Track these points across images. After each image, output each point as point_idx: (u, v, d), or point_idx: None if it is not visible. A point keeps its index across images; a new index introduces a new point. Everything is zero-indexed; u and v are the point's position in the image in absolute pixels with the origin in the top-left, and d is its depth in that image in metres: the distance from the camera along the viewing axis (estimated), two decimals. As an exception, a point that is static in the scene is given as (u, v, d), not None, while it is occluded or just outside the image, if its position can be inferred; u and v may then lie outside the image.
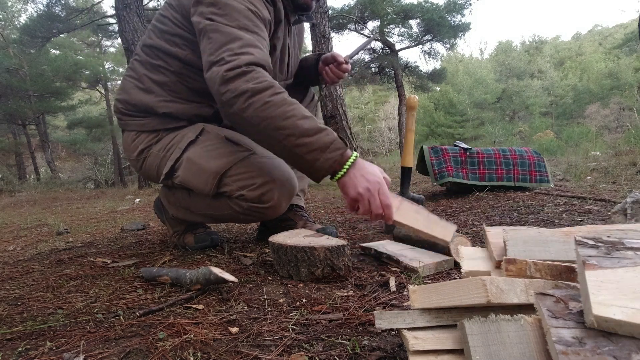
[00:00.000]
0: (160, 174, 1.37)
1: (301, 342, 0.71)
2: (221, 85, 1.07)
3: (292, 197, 1.33)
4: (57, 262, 1.46)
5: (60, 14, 12.71)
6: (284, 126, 1.04)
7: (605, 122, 26.48)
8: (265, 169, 1.27)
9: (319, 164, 1.04)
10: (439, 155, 2.57)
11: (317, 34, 7.85)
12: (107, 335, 0.78)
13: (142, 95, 1.36)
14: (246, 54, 1.09)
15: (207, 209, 1.38)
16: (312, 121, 1.06)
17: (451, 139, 24.14)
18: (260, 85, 1.05)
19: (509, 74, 35.19)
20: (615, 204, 1.74)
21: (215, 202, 1.33)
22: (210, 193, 1.28)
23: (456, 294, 0.50)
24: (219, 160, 1.27)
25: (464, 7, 14.65)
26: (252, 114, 1.05)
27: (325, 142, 1.04)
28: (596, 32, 49.50)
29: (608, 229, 0.57)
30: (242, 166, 1.26)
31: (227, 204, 1.31)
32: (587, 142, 9.24)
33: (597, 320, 0.36)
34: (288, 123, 1.04)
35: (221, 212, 1.35)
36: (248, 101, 1.05)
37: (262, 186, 1.25)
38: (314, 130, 1.04)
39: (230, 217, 1.36)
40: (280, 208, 1.31)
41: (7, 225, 3.32)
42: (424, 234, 1.03)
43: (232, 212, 1.31)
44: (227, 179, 1.27)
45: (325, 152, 1.04)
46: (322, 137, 1.04)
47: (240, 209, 1.29)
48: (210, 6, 1.16)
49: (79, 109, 19.30)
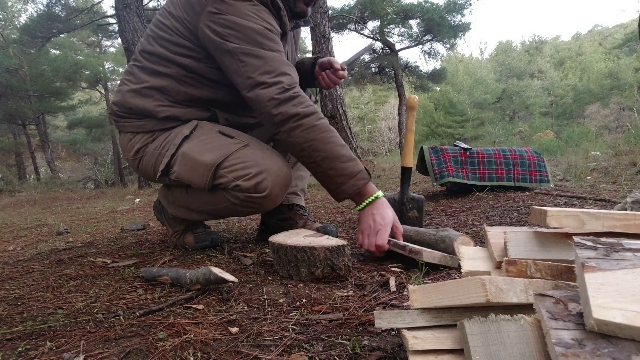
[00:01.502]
0: (157, 172, 1.38)
1: (301, 342, 0.71)
2: (273, 108, 1.21)
3: (286, 186, 1.33)
4: (57, 262, 1.46)
5: (60, 14, 12.71)
6: (324, 149, 1.21)
7: (605, 122, 26.48)
8: (259, 158, 1.27)
9: (345, 188, 1.22)
10: (439, 155, 2.57)
11: (317, 34, 7.84)
12: (107, 335, 0.78)
13: (140, 100, 1.37)
14: (285, 74, 1.23)
15: (205, 204, 1.38)
16: (347, 150, 1.23)
17: (451, 139, 24.13)
18: (308, 110, 1.22)
19: (509, 74, 35.18)
20: (615, 204, 1.74)
21: (213, 196, 1.33)
22: (206, 186, 1.28)
23: (456, 294, 0.50)
24: (213, 153, 1.27)
25: (464, 7, 14.66)
26: (299, 134, 1.21)
27: (354, 171, 1.21)
28: (596, 32, 49.50)
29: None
30: (237, 157, 1.27)
31: (224, 196, 1.30)
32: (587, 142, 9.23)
33: (597, 323, 0.36)
34: (328, 147, 1.21)
35: (219, 205, 1.34)
36: (297, 123, 1.21)
37: (257, 175, 1.25)
38: (347, 158, 1.22)
39: (228, 210, 1.35)
40: (275, 198, 1.30)
41: (7, 225, 3.32)
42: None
43: (229, 204, 1.31)
44: (222, 170, 1.27)
45: (352, 179, 1.21)
46: (352, 166, 1.22)
47: (237, 200, 1.28)
48: (227, 28, 1.22)
49: (79, 109, 19.30)
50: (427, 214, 2.02)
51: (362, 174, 1.22)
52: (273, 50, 1.24)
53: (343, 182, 1.21)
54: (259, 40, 1.23)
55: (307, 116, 1.21)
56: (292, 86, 1.23)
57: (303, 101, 1.22)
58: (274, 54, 1.24)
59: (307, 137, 1.20)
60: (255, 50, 1.22)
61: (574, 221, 0.54)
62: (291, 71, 1.26)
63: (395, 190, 3.40)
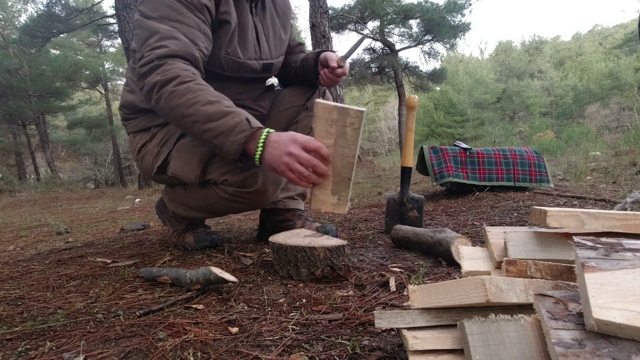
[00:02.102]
0: (154, 169, 1.39)
1: (301, 342, 0.71)
2: (139, 81, 1.14)
3: (278, 183, 1.30)
4: (57, 262, 1.46)
5: (60, 14, 12.71)
6: (189, 113, 1.08)
7: (605, 122, 26.48)
8: None
9: (227, 147, 1.07)
10: (439, 155, 2.57)
11: (317, 34, 7.84)
12: (107, 335, 0.78)
13: (128, 95, 1.42)
14: (161, 47, 1.13)
15: (200, 200, 1.37)
16: (217, 105, 1.07)
17: (451, 139, 24.13)
18: (167, 76, 1.09)
19: (509, 74, 35.19)
20: (615, 204, 1.74)
21: (205, 191, 1.32)
22: (197, 181, 1.28)
23: (456, 294, 0.50)
24: (204, 147, 1.27)
25: (464, 7, 14.65)
26: (162, 105, 1.11)
27: (230, 125, 1.05)
28: (596, 32, 49.50)
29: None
30: None
31: (214, 192, 1.30)
32: (587, 142, 9.24)
33: (598, 323, 0.36)
34: (192, 110, 1.07)
35: (211, 201, 1.33)
36: (158, 93, 1.10)
37: (246, 170, 1.22)
38: (219, 114, 1.06)
39: (221, 206, 1.34)
40: (265, 193, 1.27)
41: (7, 225, 3.32)
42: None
43: (220, 199, 1.29)
44: (212, 165, 1.26)
45: (230, 135, 1.05)
46: (226, 121, 1.06)
47: (227, 195, 1.27)
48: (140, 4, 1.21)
49: (79, 109, 19.30)
50: (427, 214, 2.02)
51: (241, 125, 1.05)
52: (170, 19, 1.16)
53: (223, 142, 1.06)
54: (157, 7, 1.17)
55: (166, 83, 1.09)
56: (163, 55, 1.12)
57: (167, 68, 1.10)
58: (163, 25, 1.15)
59: (170, 105, 1.09)
60: (146, 22, 1.16)
61: (574, 221, 0.54)
62: (176, 44, 1.14)
63: (395, 190, 3.40)
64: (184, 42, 1.16)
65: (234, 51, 1.34)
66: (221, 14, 1.29)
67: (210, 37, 1.26)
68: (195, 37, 1.19)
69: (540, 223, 0.57)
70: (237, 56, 1.35)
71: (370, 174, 5.58)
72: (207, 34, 1.24)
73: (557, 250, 0.57)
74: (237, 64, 1.37)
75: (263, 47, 1.45)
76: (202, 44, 1.21)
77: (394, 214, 1.64)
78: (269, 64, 1.47)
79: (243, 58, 1.37)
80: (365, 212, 2.28)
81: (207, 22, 1.24)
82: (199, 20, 1.21)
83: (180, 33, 1.17)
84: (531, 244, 0.58)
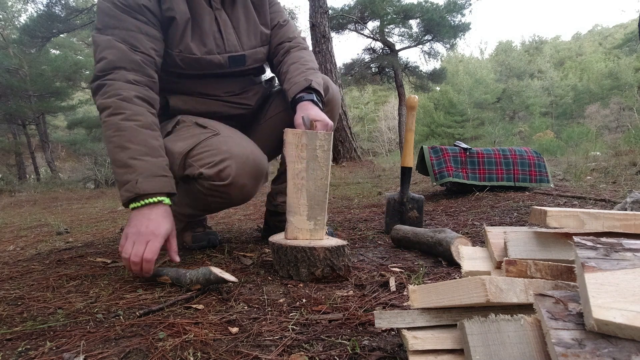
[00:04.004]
0: None
1: (301, 342, 0.71)
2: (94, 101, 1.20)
3: (256, 175, 1.27)
4: (57, 262, 1.46)
5: (60, 14, 12.69)
6: (108, 149, 1.15)
7: (605, 122, 26.48)
8: (226, 146, 1.23)
9: (121, 194, 1.12)
10: (439, 155, 2.57)
11: (317, 34, 7.84)
12: (107, 335, 0.78)
13: None
14: (101, 59, 1.16)
15: (185, 196, 1.35)
16: (125, 153, 1.11)
17: (451, 139, 24.13)
18: (105, 101, 1.14)
19: (509, 74, 35.20)
20: (615, 204, 1.74)
21: (188, 186, 1.31)
22: (177, 175, 1.26)
23: (456, 294, 0.50)
24: (184, 142, 1.26)
25: (464, 7, 14.64)
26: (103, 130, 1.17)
27: (122, 180, 1.11)
28: (596, 32, 49.51)
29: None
30: (204, 146, 1.25)
31: (194, 186, 1.28)
32: (587, 142, 9.24)
33: (598, 323, 0.36)
34: (109, 146, 1.14)
35: (192, 196, 1.32)
36: (100, 115, 1.17)
37: (220, 162, 1.21)
38: (120, 163, 1.11)
39: (201, 201, 1.31)
40: (242, 187, 1.25)
41: (7, 225, 3.32)
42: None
43: (199, 194, 1.28)
44: (190, 159, 1.25)
45: (121, 188, 1.11)
46: (122, 173, 1.11)
47: (204, 189, 1.25)
48: None
49: (79, 109, 19.28)
50: (427, 214, 2.02)
51: (129, 187, 1.09)
52: (109, 27, 1.19)
53: (120, 187, 1.12)
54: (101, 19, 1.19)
55: (102, 110, 1.14)
56: (104, 69, 1.16)
57: (107, 90, 1.15)
58: (101, 36, 1.18)
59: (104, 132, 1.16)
60: (94, 36, 1.20)
61: (574, 221, 0.54)
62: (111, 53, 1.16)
63: (395, 190, 3.41)
64: (121, 50, 1.17)
65: (187, 48, 1.30)
66: (165, 11, 1.25)
67: (156, 37, 1.24)
68: (134, 41, 1.19)
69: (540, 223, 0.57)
70: (190, 52, 1.30)
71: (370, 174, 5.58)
72: (150, 34, 1.22)
73: (557, 250, 0.57)
74: (193, 61, 1.32)
75: (229, 39, 1.37)
76: (144, 46, 1.20)
77: (394, 214, 1.64)
78: (239, 56, 1.39)
79: (199, 54, 1.31)
80: (365, 212, 2.28)
81: (149, 22, 1.22)
82: (139, 22, 1.20)
83: (119, 39, 1.18)
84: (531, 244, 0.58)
